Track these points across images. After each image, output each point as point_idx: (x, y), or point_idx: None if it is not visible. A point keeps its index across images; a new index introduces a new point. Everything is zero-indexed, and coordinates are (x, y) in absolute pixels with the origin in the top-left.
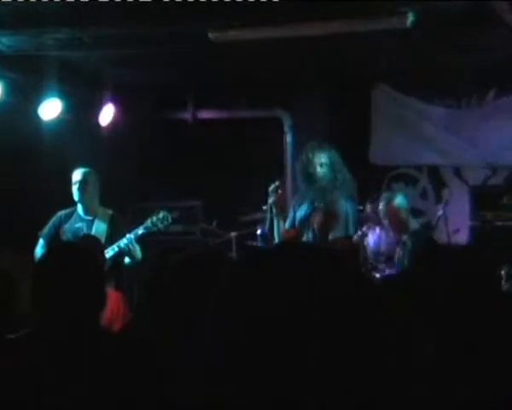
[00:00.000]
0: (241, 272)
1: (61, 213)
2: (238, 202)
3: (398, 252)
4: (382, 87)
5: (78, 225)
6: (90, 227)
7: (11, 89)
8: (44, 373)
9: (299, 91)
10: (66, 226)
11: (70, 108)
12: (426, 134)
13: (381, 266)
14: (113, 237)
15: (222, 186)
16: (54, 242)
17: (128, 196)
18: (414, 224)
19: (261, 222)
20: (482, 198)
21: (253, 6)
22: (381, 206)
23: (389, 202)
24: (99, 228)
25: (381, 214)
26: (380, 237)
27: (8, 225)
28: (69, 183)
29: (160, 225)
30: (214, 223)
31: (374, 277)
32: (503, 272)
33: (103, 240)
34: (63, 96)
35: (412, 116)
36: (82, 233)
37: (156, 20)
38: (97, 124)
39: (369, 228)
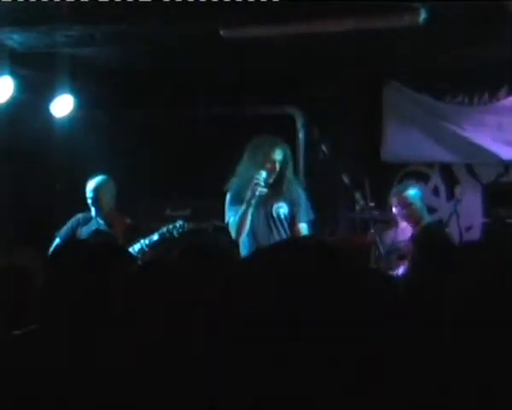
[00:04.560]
0: (241, 272)
1: (80, 215)
2: None
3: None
4: (394, 84)
5: (95, 228)
6: None
7: (23, 86)
8: (46, 371)
9: (311, 89)
10: (83, 229)
11: (82, 104)
12: (438, 131)
13: (394, 265)
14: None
15: None
16: None
17: (140, 193)
18: (428, 218)
19: None
20: (495, 195)
21: (265, 3)
22: (395, 198)
23: (402, 193)
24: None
25: (395, 207)
26: (395, 233)
27: (19, 223)
28: (81, 179)
29: (176, 234)
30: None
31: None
32: None
33: None
34: (75, 92)
35: (424, 113)
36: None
37: (168, 18)
38: (109, 121)
39: (381, 228)
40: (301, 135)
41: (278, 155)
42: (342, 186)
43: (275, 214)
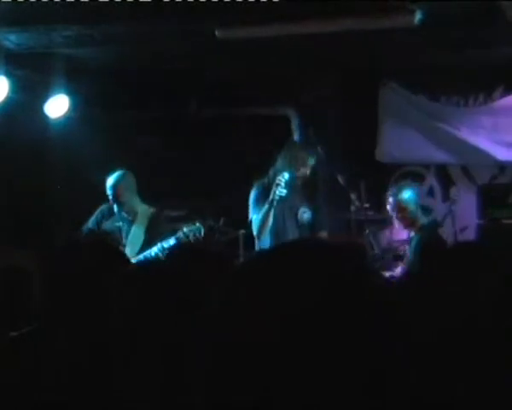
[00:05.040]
0: (248, 271)
1: (104, 207)
2: (245, 200)
3: (407, 248)
4: (390, 85)
5: (119, 224)
6: (129, 227)
7: (19, 86)
8: (42, 372)
9: (306, 90)
10: (107, 223)
11: (78, 105)
12: (433, 132)
13: (389, 265)
14: (149, 241)
15: (229, 184)
16: None
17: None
18: (423, 219)
19: None
20: (490, 196)
21: (261, 3)
22: (390, 200)
23: (396, 196)
24: (137, 231)
25: (390, 208)
26: (390, 233)
27: (15, 223)
28: (77, 179)
29: (192, 237)
30: (221, 220)
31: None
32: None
33: (140, 243)
34: (71, 93)
35: (419, 114)
36: (121, 232)
37: (164, 18)
38: (104, 121)
39: (377, 228)
40: (296, 136)
41: (311, 161)
42: (337, 187)
43: (299, 218)
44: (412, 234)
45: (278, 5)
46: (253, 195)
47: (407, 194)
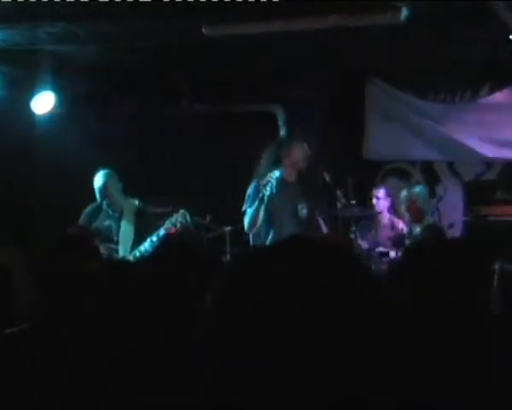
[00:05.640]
0: (244, 269)
1: (87, 210)
2: (232, 197)
3: (407, 242)
4: (377, 82)
5: (107, 222)
6: (118, 225)
7: (5, 82)
8: (40, 370)
9: (293, 86)
10: (96, 224)
11: (64, 101)
12: (420, 129)
13: (375, 262)
14: (139, 236)
15: (216, 180)
16: None
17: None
18: (430, 219)
19: None
20: (476, 193)
21: (247, 2)
22: (402, 194)
23: (409, 190)
24: (126, 228)
25: (401, 202)
26: (374, 232)
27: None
28: (63, 175)
29: (179, 225)
30: (208, 217)
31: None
32: (495, 268)
33: (131, 240)
34: (57, 89)
35: (406, 111)
36: (112, 231)
37: (151, 15)
38: (91, 118)
39: (363, 225)
40: (282, 132)
41: (300, 155)
42: (324, 184)
43: (299, 213)
44: (418, 230)
45: (264, 4)
46: (250, 188)
47: (419, 188)
